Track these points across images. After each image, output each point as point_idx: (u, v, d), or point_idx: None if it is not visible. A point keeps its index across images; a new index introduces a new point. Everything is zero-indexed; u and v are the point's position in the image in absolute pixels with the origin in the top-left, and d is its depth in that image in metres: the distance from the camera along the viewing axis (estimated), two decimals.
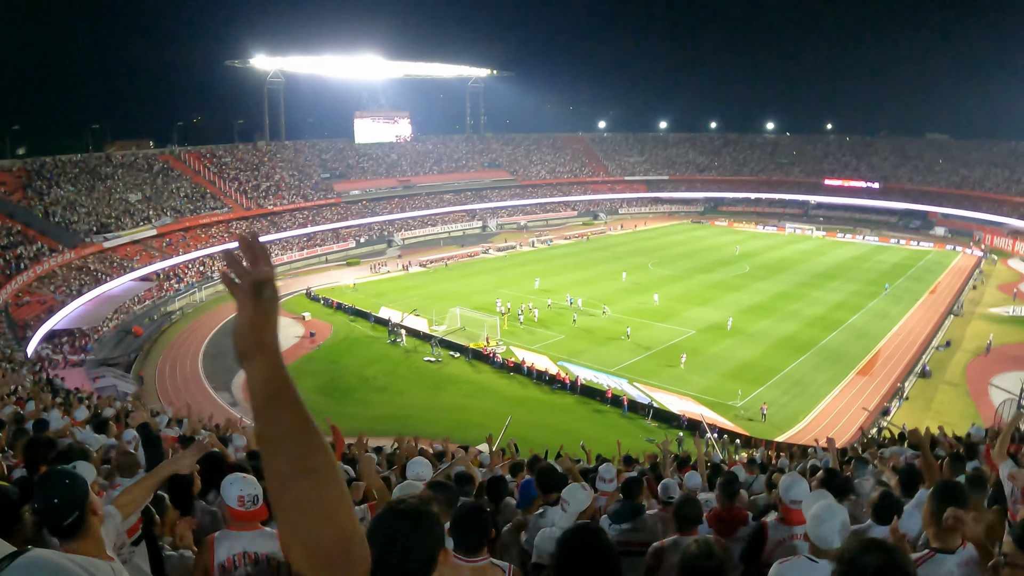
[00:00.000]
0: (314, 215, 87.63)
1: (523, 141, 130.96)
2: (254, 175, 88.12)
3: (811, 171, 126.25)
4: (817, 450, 24.76)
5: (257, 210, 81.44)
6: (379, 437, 31.79)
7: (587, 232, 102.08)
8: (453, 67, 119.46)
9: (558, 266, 76.84)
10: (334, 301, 61.10)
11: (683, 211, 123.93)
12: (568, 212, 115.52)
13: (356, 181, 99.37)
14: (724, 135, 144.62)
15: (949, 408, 39.71)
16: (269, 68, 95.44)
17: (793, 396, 41.74)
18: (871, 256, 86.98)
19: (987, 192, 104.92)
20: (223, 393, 41.95)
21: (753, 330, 53.51)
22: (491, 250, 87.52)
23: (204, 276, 67.06)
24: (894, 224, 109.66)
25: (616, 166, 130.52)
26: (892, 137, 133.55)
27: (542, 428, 35.62)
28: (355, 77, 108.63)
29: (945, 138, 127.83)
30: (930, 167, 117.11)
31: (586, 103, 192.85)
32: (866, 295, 65.48)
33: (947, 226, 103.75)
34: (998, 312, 60.35)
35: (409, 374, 45.86)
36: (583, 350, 48.85)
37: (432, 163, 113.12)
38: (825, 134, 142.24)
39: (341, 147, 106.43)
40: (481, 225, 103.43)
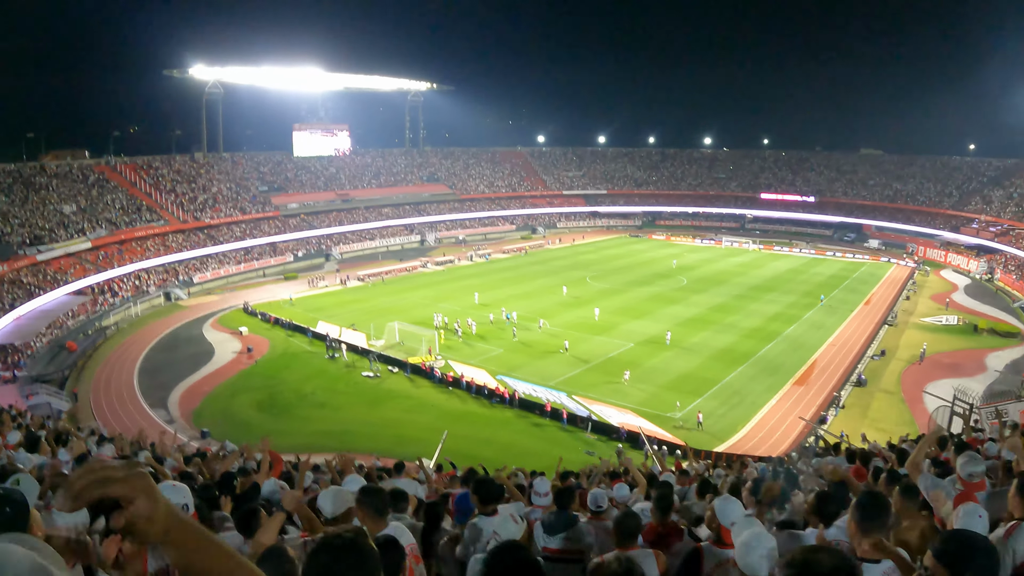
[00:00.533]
0: (252, 228, 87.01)
1: (462, 155, 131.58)
2: (191, 187, 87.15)
3: (748, 185, 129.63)
4: (750, 461, 25.60)
5: (194, 223, 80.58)
6: (319, 453, 31.99)
7: (526, 246, 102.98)
8: (393, 80, 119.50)
9: (497, 280, 77.32)
10: (272, 316, 60.62)
11: (621, 225, 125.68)
12: (507, 226, 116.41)
13: (294, 194, 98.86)
14: (662, 150, 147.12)
15: (885, 416, 41.05)
16: (208, 78, 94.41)
17: (731, 407, 42.47)
18: (807, 268, 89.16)
19: (920, 205, 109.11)
20: (159, 410, 41.44)
21: (691, 342, 54.41)
22: (429, 264, 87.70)
23: (139, 290, 66.27)
24: (829, 237, 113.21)
25: (555, 180, 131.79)
26: (827, 152, 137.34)
27: (482, 442, 36.10)
28: (295, 89, 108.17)
29: (879, 153, 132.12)
30: (864, 181, 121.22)
31: (525, 118, 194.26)
32: (802, 307, 67.11)
33: (881, 239, 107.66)
34: (931, 322, 62.36)
35: (348, 389, 45.66)
36: (522, 364, 49.17)
37: (371, 177, 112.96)
38: (761, 149, 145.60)
39: (280, 160, 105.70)
40: (420, 239, 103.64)
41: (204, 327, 58.79)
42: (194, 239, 79.11)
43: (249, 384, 45.88)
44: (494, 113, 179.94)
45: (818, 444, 31.56)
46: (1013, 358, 52.38)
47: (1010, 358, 52.35)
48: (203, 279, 73.78)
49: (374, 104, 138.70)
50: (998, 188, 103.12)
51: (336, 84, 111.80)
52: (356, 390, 45.62)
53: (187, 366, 48.72)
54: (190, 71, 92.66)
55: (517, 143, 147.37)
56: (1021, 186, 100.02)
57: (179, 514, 1.79)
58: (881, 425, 37.61)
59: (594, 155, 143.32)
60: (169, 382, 45.68)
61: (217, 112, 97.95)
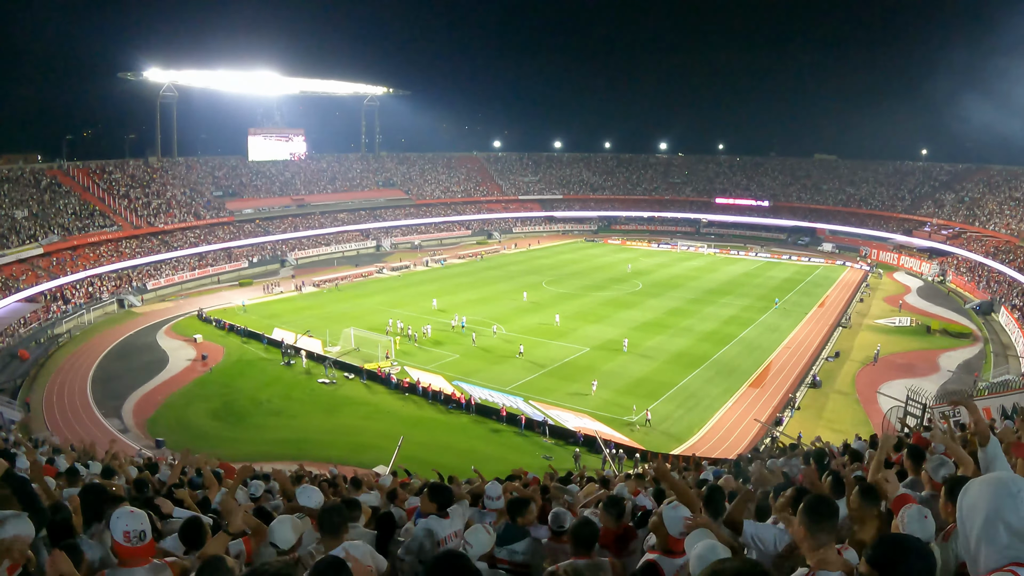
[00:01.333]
0: (206, 234, 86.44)
1: (418, 160, 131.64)
2: (145, 192, 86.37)
3: (703, 190, 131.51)
4: (705, 463, 26.18)
5: (147, 228, 79.91)
6: (276, 462, 32.26)
7: (481, 251, 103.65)
8: (349, 84, 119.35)
9: (453, 285, 77.72)
10: (226, 323, 60.33)
11: (577, 230, 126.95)
12: (462, 231, 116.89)
13: (249, 199, 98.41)
14: (618, 155, 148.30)
15: (840, 416, 41.92)
16: (163, 81, 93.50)
17: (688, 409, 42.97)
18: (761, 272, 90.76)
19: (873, 209, 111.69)
20: (113, 420, 41.12)
21: (647, 346, 55.05)
22: (385, 270, 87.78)
23: (92, 297, 65.62)
24: (784, 241, 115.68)
25: (510, 185, 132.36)
26: (781, 157, 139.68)
27: (439, 448, 36.37)
28: (250, 93, 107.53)
29: (833, 158, 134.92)
30: (818, 186, 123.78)
31: (481, 123, 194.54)
32: (757, 310, 68.29)
33: (835, 242, 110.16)
34: (884, 323, 63.88)
35: (304, 396, 45.54)
36: (478, 369, 49.45)
37: (327, 182, 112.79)
38: (717, 155, 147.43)
39: (234, 164, 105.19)
40: (375, 245, 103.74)
41: (158, 334, 58.36)
42: (148, 245, 78.48)
43: (204, 392, 45.67)
44: (450, 118, 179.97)
45: (774, 445, 32.22)
46: (965, 358, 53.95)
47: (962, 358, 53.92)
48: (157, 285, 73.18)
49: (330, 108, 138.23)
50: (950, 192, 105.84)
51: (292, 88, 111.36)
52: (312, 397, 45.48)
53: (141, 374, 48.34)
54: (144, 74, 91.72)
55: (473, 148, 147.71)
56: (972, 190, 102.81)
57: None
58: (836, 426, 38.36)
59: (550, 160, 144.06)
60: (123, 391, 45.31)
61: (171, 116, 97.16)
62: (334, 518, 5.67)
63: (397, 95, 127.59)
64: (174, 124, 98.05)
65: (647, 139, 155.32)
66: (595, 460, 34.92)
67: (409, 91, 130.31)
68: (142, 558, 4.85)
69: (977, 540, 2.81)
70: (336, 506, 6.22)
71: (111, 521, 4.87)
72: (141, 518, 4.87)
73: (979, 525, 2.81)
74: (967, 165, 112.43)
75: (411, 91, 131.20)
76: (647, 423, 40.28)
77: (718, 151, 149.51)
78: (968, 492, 2.94)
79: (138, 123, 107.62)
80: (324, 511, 5.81)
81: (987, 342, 58.81)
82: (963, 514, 2.93)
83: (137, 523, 4.81)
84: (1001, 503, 2.78)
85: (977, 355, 55.15)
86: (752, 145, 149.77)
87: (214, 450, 35.99)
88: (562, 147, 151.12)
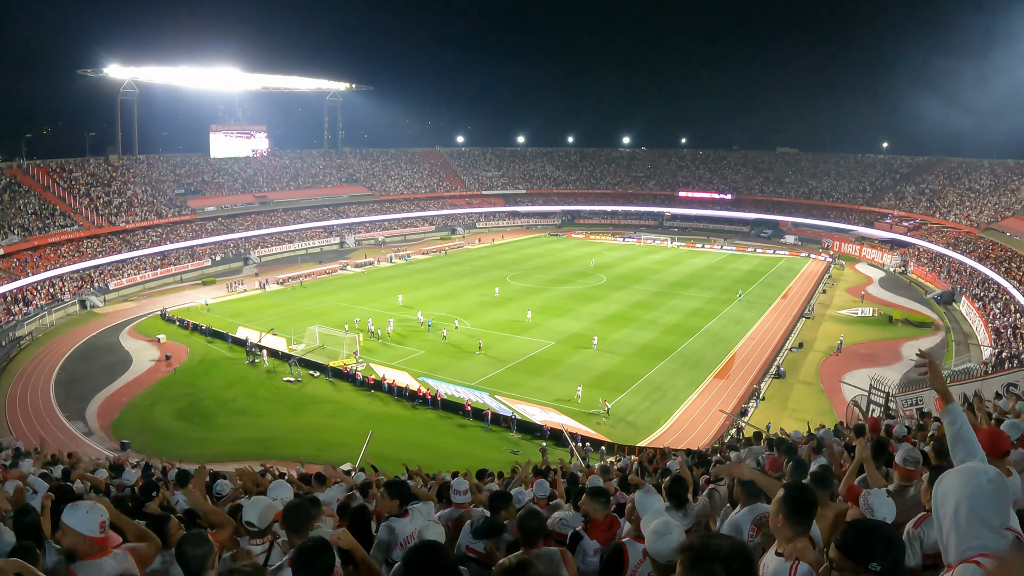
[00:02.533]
0: (168, 232, 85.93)
1: (381, 156, 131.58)
2: (106, 191, 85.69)
3: (666, 184, 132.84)
4: (670, 454, 26.65)
5: (109, 227, 79.28)
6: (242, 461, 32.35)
7: (445, 247, 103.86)
8: (312, 80, 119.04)
9: (417, 281, 77.87)
10: (190, 322, 60.03)
11: (541, 224, 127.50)
12: (426, 227, 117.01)
13: (212, 197, 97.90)
14: (581, 149, 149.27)
15: (805, 406, 42.47)
16: (123, 78, 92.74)
17: (654, 401, 43.35)
18: (725, 264, 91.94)
19: (835, 202, 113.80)
20: (77, 423, 40.94)
21: (612, 339, 55.41)
22: (349, 266, 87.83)
23: (54, 298, 65.07)
24: (747, 233, 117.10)
25: (474, 180, 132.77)
26: (744, 151, 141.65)
27: (406, 445, 36.42)
28: (212, 89, 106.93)
29: (795, 151, 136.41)
30: (780, 179, 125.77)
31: (445, 118, 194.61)
32: (721, 302, 69.15)
33: (797, 234, 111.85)
34: (847, 314, 65.03)
35: (269, 395, 45.40)
36: (444, 365, 49.61)
37: (289, 178, 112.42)
38: (680, 148, 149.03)
39: (196, 162, 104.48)
40: (339, 241, 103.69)
41: (121, 335, 58.05)
42: (109, 244, 77.89)
43: (168, 393, 45.46)
44: (413, 114, 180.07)
45: (740, 436, 32.78)
46: (927, 347, 54.34)
47: (924, 347, 53.87)
48: (119, 285, 72.67)
49: (292, 105, 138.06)
50: (910, 184, 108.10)
51: (254, 84, 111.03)
52: (277, 396, 45.34)
53: (104, 376, 48.11)
54: (105, 71, 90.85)
55: (436, 144, 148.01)
56: (933, 182, 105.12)
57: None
58: (801, 415, 38.56)
59: (513, 155, 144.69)
60: (87, 393, 45.08)
61: (132, 113, 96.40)
62: (299, 514, 5.70)
63: (360, 91, 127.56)
64: (135, 121, 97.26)
65: (610, 133, 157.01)
66: (562, 453, 35.31)
67: (372, 86, 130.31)
68: (106, 548, 4.96)
69: (948, 529, 2.90)
70: (300, 503, 6.22)
71: (80, 517, 4.86)
72: (103, 509, 4.99)
73: (950, 514, 2.89)
74: (927, 158, 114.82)
75: (374, 86, 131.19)
76: (606, 413, 40.76)
77: (681, 145, 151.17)
78: (942, 481, 3.03)
79: (98, 121, 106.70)
80: (288, 508, 5.85)
81: (948, 331, 60.15)
82: (937, 502, 3.02)
83: (105, 514, 4.95)
84: (973, 493, 2.87)
85: (939, 344, 56.29)
86: (715, 139, 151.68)
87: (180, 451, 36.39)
88: (525, 142, 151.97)
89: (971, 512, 2.82)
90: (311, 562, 4.14)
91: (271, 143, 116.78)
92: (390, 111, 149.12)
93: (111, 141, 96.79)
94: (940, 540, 2.96)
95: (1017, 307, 56.79)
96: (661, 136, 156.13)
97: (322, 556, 4.20)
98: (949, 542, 2.87)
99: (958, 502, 2.86)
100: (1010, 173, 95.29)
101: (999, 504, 2.86)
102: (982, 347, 53.38)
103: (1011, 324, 53.42)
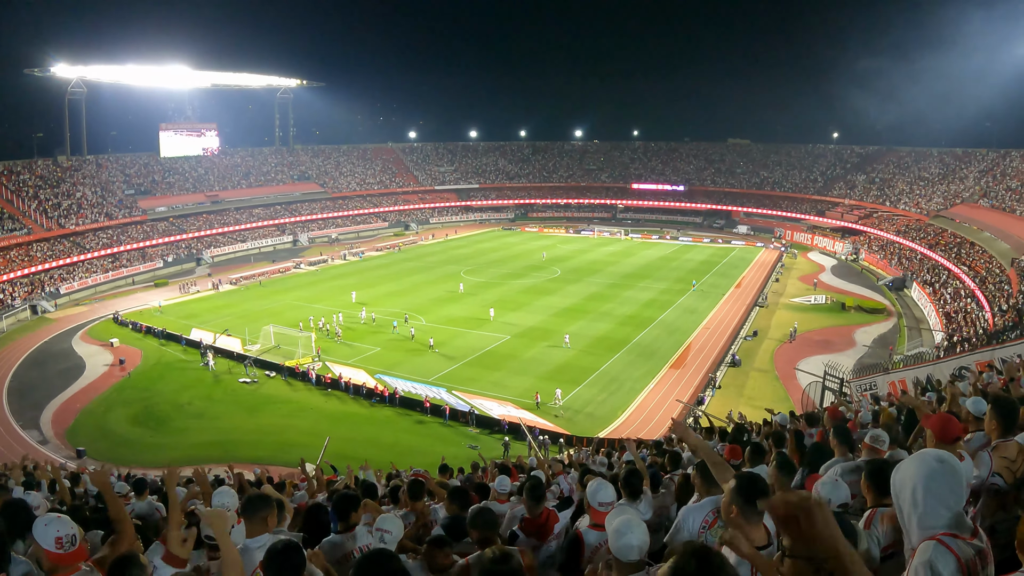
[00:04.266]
0: (119, 234, 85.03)
1: (333, 152, 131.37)
2: (54, 193, 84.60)
3: (619, 176, 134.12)
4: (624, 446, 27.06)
5: (58, 230, 78.27)
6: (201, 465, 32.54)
7: (399, 243, 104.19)
8: (262, 77, 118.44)
9: (372, 278, 78.11)
10: (143, 325, 59.61)
11: (494, 219, 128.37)
12: (379, 224, 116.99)
13: (162, 197, 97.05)
14: (533, 143, 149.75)
15: (761, 393, 43.48)
16: (70, 77, 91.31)
17: (611, 393, 43.94)
18: (678, 255, 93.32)
19: (786, 192, 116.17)
20: (32, 431, 40.63)
21: (567, 331, 55.74)
22: (303, 265, 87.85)
23: (4, 305, 64.12)
24: (699, 224, 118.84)
25: (427, 176, 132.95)
26: (696, 142, 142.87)
27: (365, 443, 36.73)
28: (161, 87, 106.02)
29: (746, 143, 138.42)
30: (732, 170, 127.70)
31: (396, 113, 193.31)
32: (675, 292, 70.20)
33: (750, 224, 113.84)
34: (800, 302, 66.52)
35: (225, 397, 45.29)
36: (400, 362, 49.79)
37: (241, 177, 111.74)
38: (632, 141, 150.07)
39: (146, 161, 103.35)
40: (292, 240, 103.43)
41: (73, 340, 57.57)
42: (59, 248, 76.87)
43: (123, 398, 45.17)
44: (365, 109, 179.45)
45: (697, 425, 33.32)
46: (880, 333, 56.53)
47: (877, 333, 56.48)
48: (70, 289, 71.80)
49: (243, 102, 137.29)
50: (861, 174, 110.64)
51: (203, 82, 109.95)
52: (234, 398, 45.23)
53: (58, 383, 47.68)
54: (52, 70, 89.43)
55: (388, 139, 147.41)
56: (882, 171, 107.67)
57: None
58: (757, 403, 39.18)
59: (465, 150, 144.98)
60: (40, 400, 44.71)
61: (80, 113, 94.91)
62: (256, 503, 5.66)
63: (311, 87, 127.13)
64: (83, 121, 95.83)
65: (562, 127, 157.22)
66: (522, 447, 35.85)
67: (323, 83, 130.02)
68: (72, 565, 4.72)
69: (909, 513, 3.00)
70: (259, 494, 6.09)
71: (37, 530, 4.66)
72: (69, 523, 4.74)
73: (909, 499, 2.99)
74: (877, 147, 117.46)
75: (325, 83, 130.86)
76: (556, 404, 41.30)
77: (633, 137, 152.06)
78: (898, 470, 3.11)
79: (46, 121, 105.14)
80: (247, 499, 5.83)
81: (900, 317, 61.83)
82: (896, 490, 3.09)
83: (67, 528, 4.68)
84: (927, 474, 2.97)
85: (891, 329, 57.84)
86: (666, 131, 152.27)
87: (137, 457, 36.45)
88: (477, 136, 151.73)
89: (927, 493, 2.96)
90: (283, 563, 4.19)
91: (222, 141, 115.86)
92: (341, 107, 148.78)
93: (59, 142, 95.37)
94: (903, 524, 3.11)
95: (967, 292, 58.36)
96: (613, 129, 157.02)
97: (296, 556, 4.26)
98: (911, 525, 3.03)
99: (915, 485, 2.99)
100: (958, 162, 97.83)
101: (953, 484, 3.01)
102: (934, 332, 54.76)
103: (962, 309, 54.91)
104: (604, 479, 6.44)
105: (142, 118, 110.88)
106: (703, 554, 2.74)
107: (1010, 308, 45.25)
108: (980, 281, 57.95)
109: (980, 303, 53.80)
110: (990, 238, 67.01)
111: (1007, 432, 5.72)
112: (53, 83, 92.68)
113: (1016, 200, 73.83)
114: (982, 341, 37.36)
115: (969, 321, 50.01)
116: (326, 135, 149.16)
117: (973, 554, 2.99)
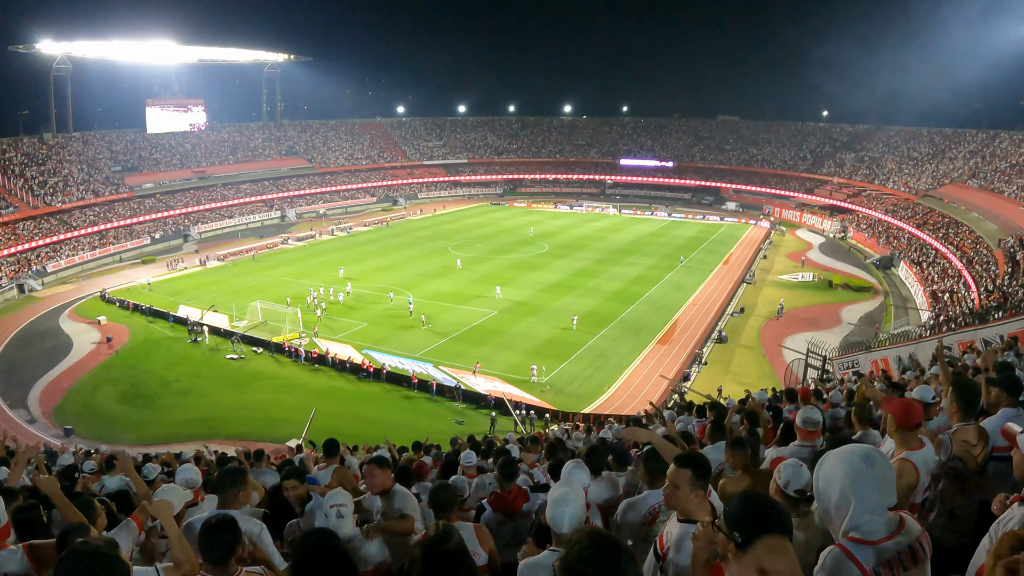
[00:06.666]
0: (106, 211, 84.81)
1: (321, 128, 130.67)
2: (40, 170, 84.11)
3: (607, 152, 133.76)
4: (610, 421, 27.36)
5: (45, 208, 77.97)
6: (186, 442, 33.02)
7: (387, 218, 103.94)
8: (249, 52, 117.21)
9: (360, 253, 78.19)
10: (130, 302, 59.49)
11: (483, 194, 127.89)
12: (367, 199, 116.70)
13: (149, 174, 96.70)
14: (522, 118, 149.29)
15: (746, 370, 43.76)
16: (56, 53, 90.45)
17: (597, 368, 44.12)
18: (666, 231, 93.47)
19: (775, 169, 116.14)
20: (19, 410, 40.66)
21: (555, 307, 56.23)
22: (291, 240, 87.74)
23: None
24: (688, 200, 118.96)
25: (415, 151, 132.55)
26: (685, 118, 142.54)
27: (352, 419, 37.02)
28: (147, 62, 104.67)
29: (735, 119, 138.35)
30: (721, 147, 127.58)
31: (385, 88, 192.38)
32: (663, 268, 70.42)
33: (738, 201, 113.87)
34: (787, 279, 66.81)
35: (213, 374, 45.44)
36: (387, 337, 49.95)
37: (228, 152, 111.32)
38: (621, 116, 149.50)
39: (133, 138, 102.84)
40: (280, 215, 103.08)
41: (61, 318, 57.47)
42: (46, 226, 76.60)
43: (111, 376, 45.22)
44: (353, 84, 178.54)
45: (684, 400, 33.60)
46: (867, 311, 56.76)
47: (864, 311, 56.72)
48: (58, 267, 71.62)
49: (230, 77, 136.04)
50: (850, 152, 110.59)
51: (190, 57, 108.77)
52: (221, 374, 45.35)
53: (45, 361, 47.60)
54: (37, 46, 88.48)
55: (377, 114, 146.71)
56: (872, 150, 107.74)
57: None
58: (743, 379, 39.27)
59: (454, 125, 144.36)
60: (28, 380, 44.62)
61: (66, 89, 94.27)
62: (226, 479, 5.82)
63: (298, 62, 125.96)
64: (69, 98, 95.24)
65: (551, 102, 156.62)
66: (508, 423, 36.22)
67: (311, 57, 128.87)
68: None
69: (832, 513, 3.03)
70: (230, 469, 6.26)
71: None
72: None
73: (835, 498, 3.00)
74: (867, 126, 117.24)
75: (312, 57, 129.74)
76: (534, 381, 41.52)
77: (622, 113, 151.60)
78: (823, 465, 3.09)
79: (31, 98, 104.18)
80: (219, 475, 6.02)
81: (887, 295, 62.12)
82: (819, 485, 3.09)
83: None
84: (854, 478, 2.97)
85: (878, 308, 58.08)
86: (656, 107, 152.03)
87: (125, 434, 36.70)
88: (466, 111, 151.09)
89: (853, 496, 2.96)
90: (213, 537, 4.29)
91: (209, 117, 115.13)
92: (329, 82, 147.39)
93: (45, 119, 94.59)
94: (826, 520, 3.15)
95: (954, 272, 58.64)
96: (602, 104, 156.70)
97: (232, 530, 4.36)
98: (834, 523, 3.07)
99: (842, 487, 2.99)
100: (948, 142, 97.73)
101: (881, 484, 3.00)
102: (920, 311, 55.08)
103: (948, 288, 55.03)
104: (580, 460, 6.42)
105: (128, 94, 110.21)
106: (597, 537, 2.79)
107: (996, 289, 45.54)
108: (967, 261, 58.15)
109: (967, 283, 54.00)
110: (978, 218, 67.15)
111: (968, 416, 5.81)
112: (38, 60, 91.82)
113: (1004, 181, 74.01)
114: (967, 321, 37.68)
115: (956, 301, 50.27)
116: (314, 110, 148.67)
117: (894, 553, 3.02)
